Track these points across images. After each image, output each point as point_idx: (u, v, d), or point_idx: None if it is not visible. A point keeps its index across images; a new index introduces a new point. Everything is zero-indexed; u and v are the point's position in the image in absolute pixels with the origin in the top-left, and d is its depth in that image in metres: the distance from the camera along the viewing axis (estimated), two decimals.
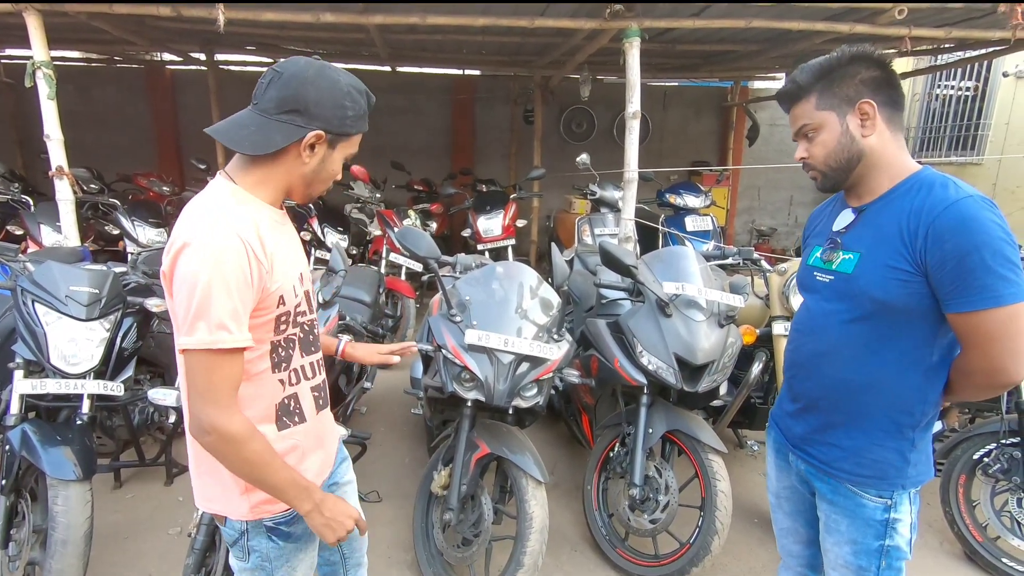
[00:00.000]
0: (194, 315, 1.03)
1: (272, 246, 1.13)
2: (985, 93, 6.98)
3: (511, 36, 4.92)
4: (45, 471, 2.00)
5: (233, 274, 1.04)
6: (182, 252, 1.05)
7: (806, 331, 1.44)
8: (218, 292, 1.03)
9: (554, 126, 8.00)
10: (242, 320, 1.07)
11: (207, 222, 1.07)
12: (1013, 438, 2.39)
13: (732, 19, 3.78)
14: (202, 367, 1.06)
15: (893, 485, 1.32)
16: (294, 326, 1.21)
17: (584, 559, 2.54)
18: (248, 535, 1.24)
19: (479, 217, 5.69)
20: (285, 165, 1.15)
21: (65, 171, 3.42)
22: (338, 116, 1.14)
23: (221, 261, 1.03)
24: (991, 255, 1.12)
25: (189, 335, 1.05)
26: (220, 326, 1.04)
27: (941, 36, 4.01)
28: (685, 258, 2.55)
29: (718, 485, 2.26)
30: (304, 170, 1.16)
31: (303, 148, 1.13)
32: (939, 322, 1.22)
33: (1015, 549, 2.44)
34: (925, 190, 1.22)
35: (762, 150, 8.10)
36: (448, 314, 2.21)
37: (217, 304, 1.03)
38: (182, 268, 1.05)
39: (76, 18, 3.81)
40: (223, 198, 1.12)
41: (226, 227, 1.06)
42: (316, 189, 1.22)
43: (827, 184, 1.37)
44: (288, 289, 1.17)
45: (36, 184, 6.26)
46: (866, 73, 1.26)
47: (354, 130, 1.18)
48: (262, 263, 1.10)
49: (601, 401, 2.87)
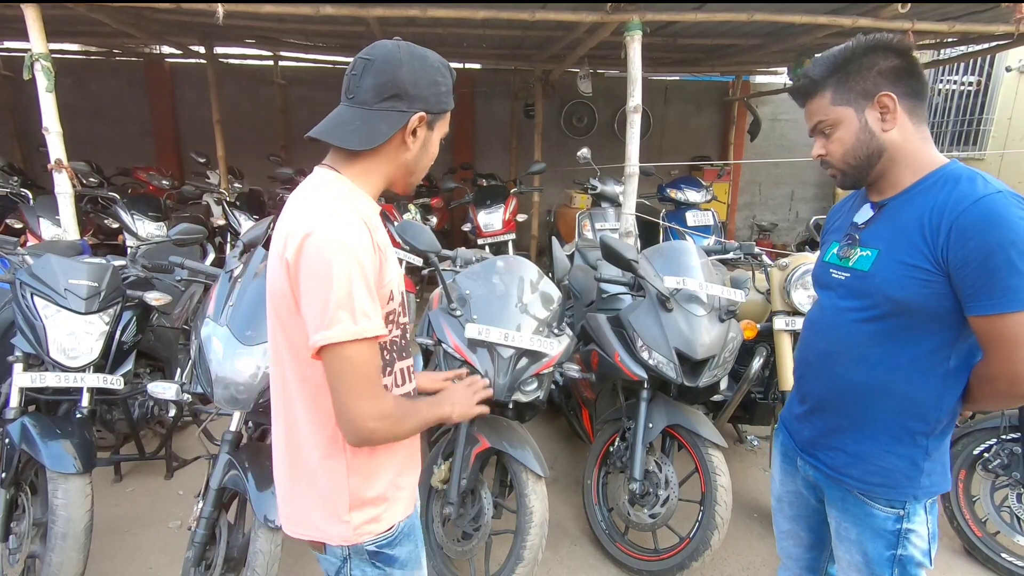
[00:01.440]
0: (335, 305, 0.97)
1: (381, 238, 1.08)
2: (988, 88, 6.95)
3: (512, 29, 4.90)
4: (45, 464, 2.00)
5: (366, 261, 1.00)
6: (307, 241, 0.99)
7: (816, 329, 1.39)
8: (356, 280, 0.98)
9: (555, 120, 7.97)
10: (377, 309, 1.03)
11: (330, 209, 1.02)
12: (1013, 433, 2.39)
13: (734, 13, 3.75)
14: (352, 360, 0.99)
15: (904, 495, 1.25)
16: (397, 327, 1.16)
17: (584, 553, 2.55)
18: (351, 561, 1.16)
19: (479, 211, 5.68)
20: (388, 154, 1.10)
21: (64, 164, 3.41)
22: (434, 94, 1.09)
23: (353, 248, 0.98)
24: (1019, 255, 1.05)
25: (330, 328, 0.97)
26: (363, 314, 0.99)
27: (944, 30, 3.99)
28: (686, 253, 2.54)
29: (718, 480, 2.26)
30: (407, 157, 1.12)
31: (407, 134, 1.08)
32: (959, 325, 1.16)
33: (1015, 544, 2.44)
34: (950, 185, 1.15)
35: (763, 145, 8.07)
36: (448, 308, 2.20)
37: (357, 292, 0.98)
38: (312, 258, 0.98)
39: (75, 10, 3.79)
40: (338, 186, 1.08)
41: (351, 213, 1.02)
42: (418, 176, 1.17)
43: (847, 181, 1.30)
44: (396, 285, 1.12)
45: (35, 177, 6.24)
46: (884, 63, 1.19)
47: (448, 106, 1.13)
48: (382, 253, 1.07)
49: (601, 396, 2.87)
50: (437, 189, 6.52)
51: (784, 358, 2.60)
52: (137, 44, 6.47)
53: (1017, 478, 2.37)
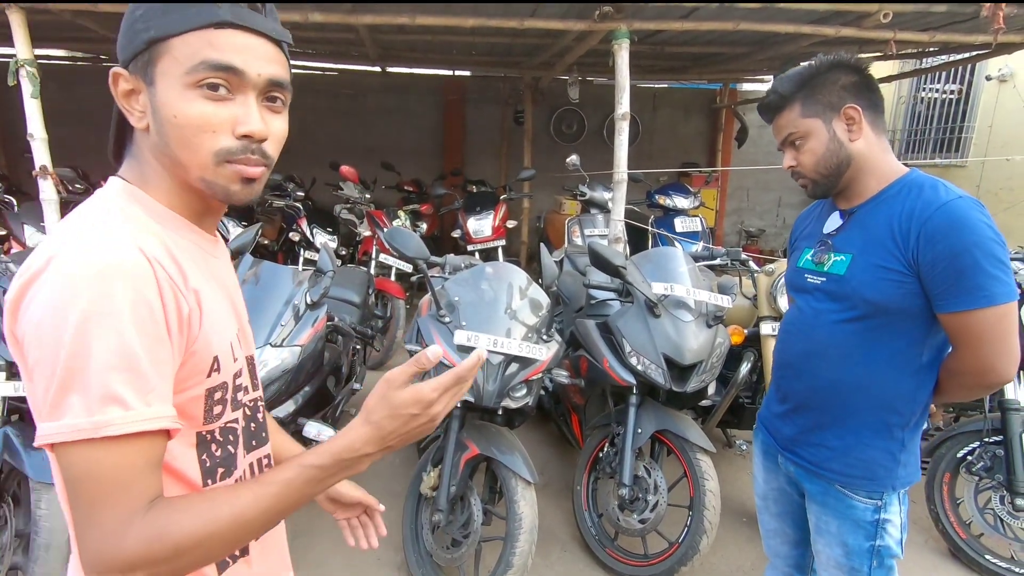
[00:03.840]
0: (61, 383, 0.59)
1: (197, 280, 0.72)
2: (969, 96, 7.07)
3: (501, 37, 4.92)
4: (28, 475, 1.97)
5: (131, 308, 0.61)
6: (36, 281, 0.62)
7: (795, 331, 1.45)
8: (101, 338, 0.59)
9: (544, 127, 8.01)
10: (149, 382, 0.62)
11: (84, 229, 0.66)
12: (996, 436, 2.42)
13: (720, 21, 3.80)
14: (83, 474, 0.60)
15: (883, 486, 1.32)
16: (234, 407, 0.78)
17: (574, 559, 2.54)
18: None
19: (469, 218, 5.69)
20: (136, 143, 0.76)
21: (49, 171, 3.38)
22: (127, 31, 0.71)
23: (102, 289, 0.60)
24: (983, 255, 1.13)
25: (52, 418, 0.60)
26: (109, 397, 0.59)
27: (925, 40, 4.06)
28: (674, 259, 2.56)
29: (706, 485, 2.27)
30: (150, 138, 0.72)
31: (124, 103, 0.72)
32: (930, 322, 1.23)
33: (998, 546, 2.48)
34: (915, 192, 1.23)
35: (751, 152, 8.15)
36: (437, 315, 2.20)
37: (100, 359, 0.59)
38: (37, 306, 0.61)
39: (60, 16, 3.77)
40: (115, 197, 0.73)
41: (118, 233, 0.66)
42: (184, 156, 0.69)
43: (818, 191, 1.37)
44: (224, 349, 0.74)
45: (20, 184, 6.17)
46: (846, 79, 1.28)
47: (157, 27, 0.67)
48: (195, 296, 0.70)
49: (590, 401, 2.88)
50: (427, 195, 6.52)
51: (771, 363, 2.62)
52: None
53: (1000, 480, 2.40)
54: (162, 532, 0.61)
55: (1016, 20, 3.84)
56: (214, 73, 0.67)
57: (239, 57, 0.68)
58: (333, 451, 0.68)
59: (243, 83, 0.69)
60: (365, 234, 5.40)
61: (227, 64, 0.67)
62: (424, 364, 0.69)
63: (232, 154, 0.69)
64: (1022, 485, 2.28)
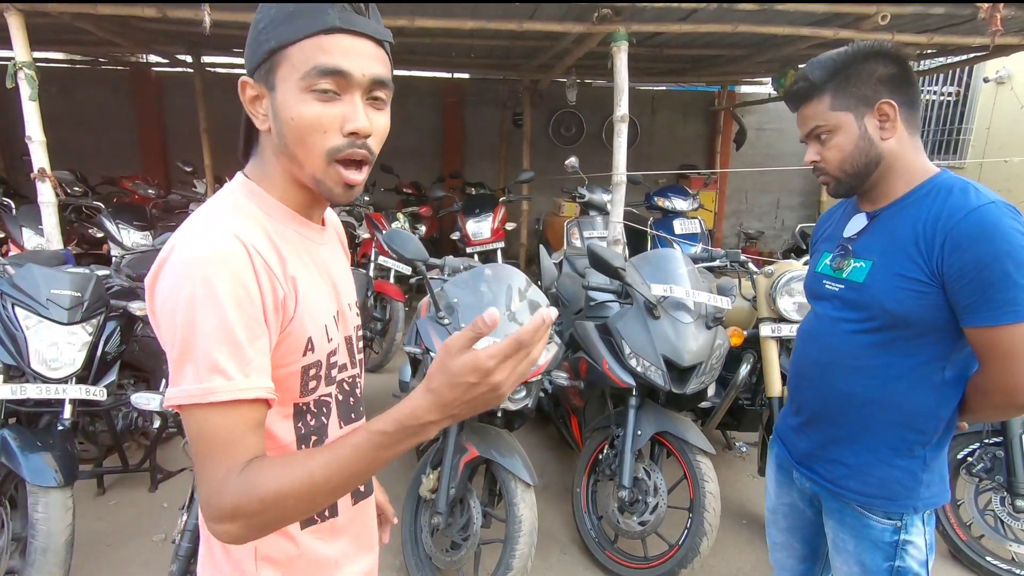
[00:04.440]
0: (179, 356, 0.71)
1: (293, 263, 0.80)
2: (967, 98, 7.09)
3: (500, 39, 4.93)
4: (25, 478, 1.96)
5: (231, 290, 0.71)
6: (162, 269, 0.74)
7: (811, 339, 1.37)
8: (206, 317, 0.69)
9: (543, 129, 8.01)
10: (246, 355, 0.71)
11: (197, 223, 0.77)
12: (996, 438, 2.42)
13: (719, 24, 3.81)
14: (197, 432, 0.71)
15: (903, 507, 1.24)
16: (327, 383, 0.86)
17: (573, 561, 2.54)
18: None
19: (468, 220, 5.68)
20: (261, 142, 0.84)
21: (47, 173, 3.37)
22: (253, 42, 0.78)
23: (207, 273, 0.70)
24: (1015, 266, 1.04)
25: (175, 384, 0.72)
26: (214, 368, 0.69)
27: (923, 42, 4.07)
28: (673, 260, 2.56)
29: (706, 487, 2.26)
30: (271, 139, 0.80)
31: (253, 109, 0.80)
32: (955, 336, 1.15)
33: (998, 547, 2.47)
34: (943, 195, 1.14)
35: (749, 154, 8.16)
36: (436, 317, 2.20)
37: (205, 335, 0.69)
38: (161, 289, 0.73)
39: (59, 18, 3.77)
40: (229, 194, 0.82)
41: (221, 227, 0.75)
42: (302, 155, 0.77)
43: (840, 189, 1.28)
44: (319, 331, 0.83)
45: (18, 186, 6.17)
46: (884, 70, 1.17)
47: (274, 40, 0.74)
48: (292, 283, 0.78)
49: (590, 403, 2.87)
50: (426, 197, 6.53)
51: (771, 365, 2.62)
52: (123, 52, 6.43)
53: (1000, 481, 2.40)
54: (250, 488, 0.69)
55: (1014, 22, 3.85)
56: (325, 77, 0.74)
57: (346, 60, 0.74)
58: (398, 418, 0.69)
59: (349, 84, 0.75)
60: (364, 236, 5.40)
61: (335, 67, 0.74)
62: (481, 328, 0.66)
63: (340, 151, 0.76)
64: (1022, 486, 2.27)
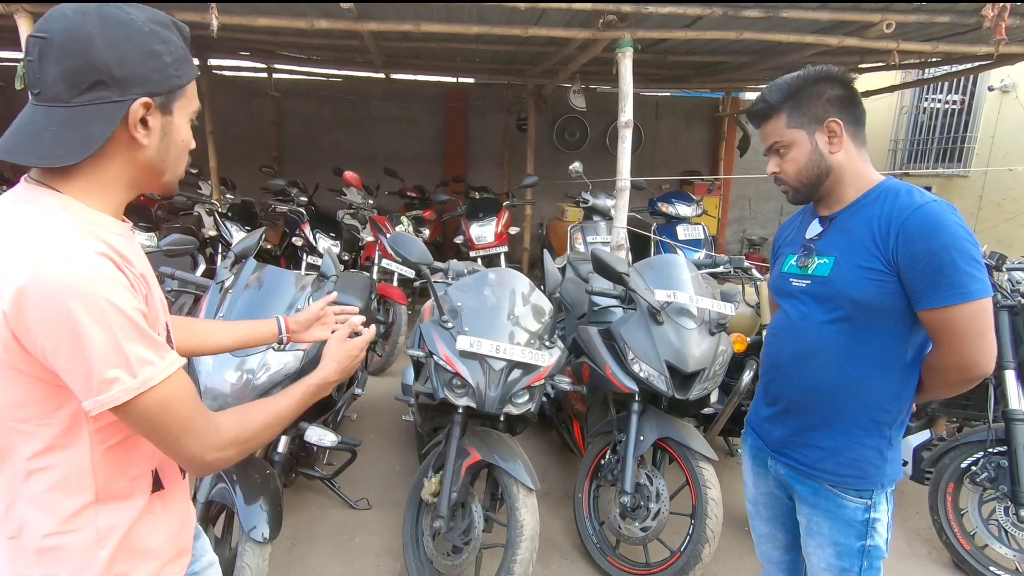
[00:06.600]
0: (100, 367, 0.77)
1: (141, 266, 0.88)
2: (971, 107, 7.08)
3: (505, 45, 4.95)
4: None
5: (123, 301, 0.79)
6: (25, 292, 0.75)
7: (783, 334, 1.48)
8: (117, 329, 0.78)
9: (547, 134, 8.04)
10: (156, 341, 0.83)
11: (48, 243, 0.77)
12: (1000, 447, 2.41)
13: (723, 31, 3.82)
14: (150, 414, 0.83)
15: (872, 484, 1.35)
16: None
17: (575, 567, 2.53)
18: None
19: (472, 224, 5.70)
20: (117, 157, 0.85)
21: None
22: (156, 68, 0.83)
23: (94, 291, 0.77)
24: (959, 254, 1.18)
25: (102, 392, 0.78)
26: (141, 361, 0.80)
27: (928, 50, 4.08)
28: (676, 266, 2.56)
29: (709, 493, 2.26)
30: (146, 155, 0.87)
31: (133, 128, 0.83)
32: (912, 321, 1.28)
33: (1002, 558, 2.45)
34: (892, 197, 1.29)
35: (753, 160, 8.17)
36: (440, 320, 2.20)
37: (124, 342, 0.79)
38: (41, 313, 0.75)
39: None
40: (56, 210, 0.82)
41: (81, 244, 0.79)
42: (173, 171, 0.93)
43: (798, 197, 1.43)
44: (164, 314, 0.94)
45: None
46: (831, 92, 1.33)
47: (182, 79, 0.87)
48: (146, 284, 0.88)
49: (592, 408, 2.87)
50: (430, 201, 6.55)
51: None
52: None
53: (1004, 491, 2.39)
54: (243, 421, 0.95)
55: (1018, 31, 3.86)
56: (195, 112, 0.94)
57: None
58: (322, 375, 1.14)
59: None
60: (368, 239, 5.41)
61: (198, 104, 0.96)
62: (357, 329, 1.26)
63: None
64: None
